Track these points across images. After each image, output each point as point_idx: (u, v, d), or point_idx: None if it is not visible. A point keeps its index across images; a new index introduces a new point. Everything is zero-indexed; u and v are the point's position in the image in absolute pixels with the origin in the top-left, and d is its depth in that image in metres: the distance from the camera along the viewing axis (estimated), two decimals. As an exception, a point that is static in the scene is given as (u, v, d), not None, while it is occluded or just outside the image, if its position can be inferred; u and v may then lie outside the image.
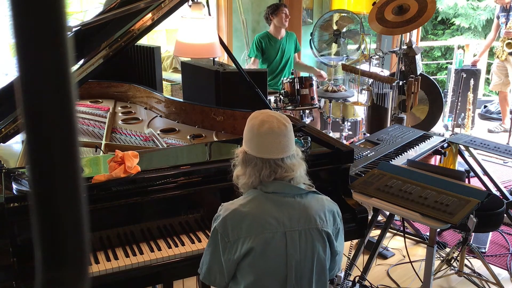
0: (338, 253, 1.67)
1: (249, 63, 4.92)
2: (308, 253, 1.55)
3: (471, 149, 3.49)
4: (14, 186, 1.74)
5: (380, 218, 3.48)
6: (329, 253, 1.61)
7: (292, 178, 1.57)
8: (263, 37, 4.84)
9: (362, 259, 2.88)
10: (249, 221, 1.52)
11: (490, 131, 5.96)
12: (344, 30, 5.17)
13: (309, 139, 2.25)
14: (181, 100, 3.01)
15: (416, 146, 3.24)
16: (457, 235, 3.50)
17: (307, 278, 1.57)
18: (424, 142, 3.33)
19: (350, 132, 4.91)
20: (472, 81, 5.52)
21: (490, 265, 3.01)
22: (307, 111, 4.30)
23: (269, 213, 1.53)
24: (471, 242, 2.97)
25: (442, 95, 5.30)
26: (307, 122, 3.79)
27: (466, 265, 3.02)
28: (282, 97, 4.10)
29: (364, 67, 4.48)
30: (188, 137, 2.59)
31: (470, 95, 5.41)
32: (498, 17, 5.83)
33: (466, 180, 3.15)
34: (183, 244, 1.94)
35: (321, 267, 1.59)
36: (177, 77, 4.23)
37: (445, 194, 2.16)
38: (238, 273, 1.56)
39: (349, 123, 4.77)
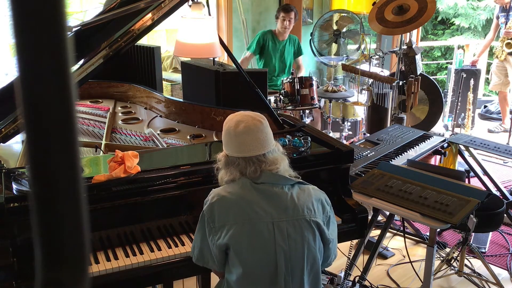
0: (332, 241, 1.67)
1: (244, 56, 4.89)
2: (298, 244, 1.56)
3: (471, 149, 3.48)
4: (14, 186, 1.74)
5: (380, 218, 3.48)
6: (320, 243, 1.62)
7: (278, 171, 1.60)
8: (266, 34, 4.82)
9: (362, 259, 2.88)
10: (236, 209, 1.54)
11: (490, 131, 5.96)
12: (344, 30, 5.17)
13: (309, 139, 2.25)
14: (181, 100, 3.01)
15: (416, 146, 3.24)
16: (457, 235, 3.49)
17: (299, 269, 1.57)
18: (424, 142, 3.33)
19: (350, 132, 4.91)
20: (472, 81, 5.52)
21: (490, 265, 3.01)
22: (307, 111, 4.30)
23: (257, 203, 1.55)
24: (471, 242, 2.97)
25: (442, 95, 5.30)
26: (307, 122, 3.79)
27: (466, 265, 3.02)
28: (282, 97, 4.09)
29: (364, 67, 4.48)
30: (188, 137, 2.59)
31: (470, 95, 5.41)
32: (497, 17, 5.82)
33: (466, 180, 3.15)
34: (183, 244, 1.94)
35: (313, 258, 1.60)
36: (177, 77, 4.23)
37: (445, 194, 2.16)
38: (230, 263, 1.57)
39: (349, 123, 4.77)
